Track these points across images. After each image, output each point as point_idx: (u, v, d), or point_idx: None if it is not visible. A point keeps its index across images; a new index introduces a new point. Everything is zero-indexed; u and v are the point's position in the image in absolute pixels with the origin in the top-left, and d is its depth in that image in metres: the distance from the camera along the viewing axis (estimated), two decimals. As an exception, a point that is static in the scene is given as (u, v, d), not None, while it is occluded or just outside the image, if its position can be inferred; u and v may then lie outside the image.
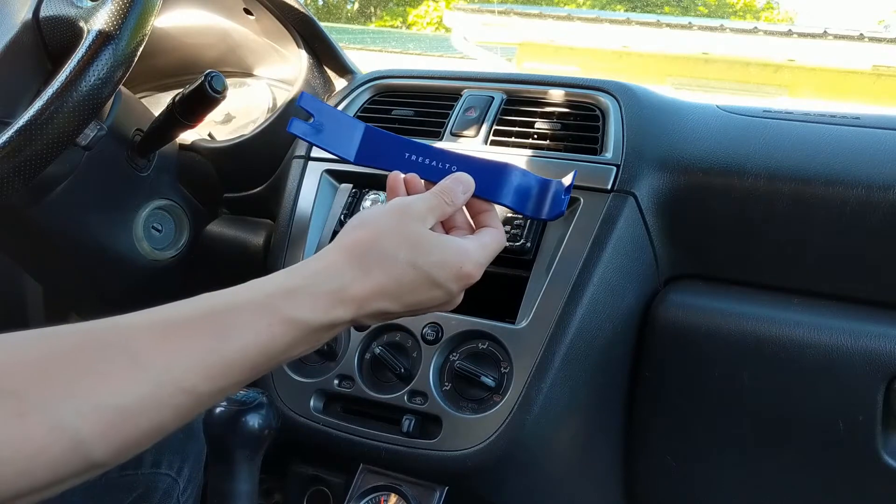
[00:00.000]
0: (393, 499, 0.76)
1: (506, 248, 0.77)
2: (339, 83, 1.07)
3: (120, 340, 0.42)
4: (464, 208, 0.63)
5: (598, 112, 0.86)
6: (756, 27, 6.85)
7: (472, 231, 0.63)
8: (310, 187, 0.91)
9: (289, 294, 0.49)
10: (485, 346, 0.76)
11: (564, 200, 0.66)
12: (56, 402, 0.38)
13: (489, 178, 0.64)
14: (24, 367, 0.39)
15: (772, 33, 6.66)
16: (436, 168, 0.65)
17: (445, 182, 0.61)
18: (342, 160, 0.66)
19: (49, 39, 0.75)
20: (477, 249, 0.59)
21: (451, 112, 0.90)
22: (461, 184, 0.61)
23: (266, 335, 0.46)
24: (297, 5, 1.01)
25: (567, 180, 0.67)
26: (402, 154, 0.66)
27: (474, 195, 0.62)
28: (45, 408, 0.38)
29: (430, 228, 0.57)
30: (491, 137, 0.87)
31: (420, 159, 0.65)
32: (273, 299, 0.48)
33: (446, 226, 0.62)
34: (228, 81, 0.89)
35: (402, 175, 0.63)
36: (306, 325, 0.48)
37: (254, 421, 0.60)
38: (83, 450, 0.39)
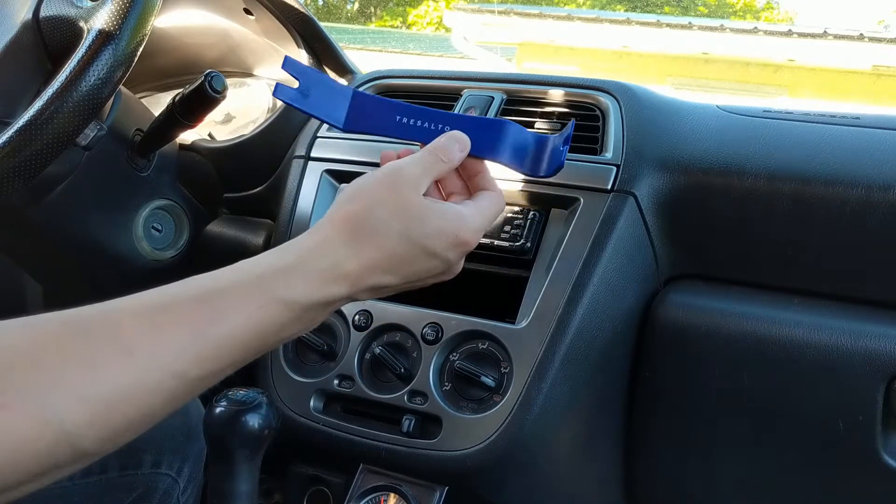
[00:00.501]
0: (393, 499, 0.76)
1: (506, 248, 0.78)
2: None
3: (106, 327, 0.41)
4: (459, 172, 0.61)
5: (598, 112, 0.86)
6: (756, 27, 6.85)
7: (469, 196, 0.60)
8: (310, 187, 0.91)
9: (280, 274, 0.47)
10: (485, 346, 0.76)
11: (563, 151, 0.62)
12: (40, 393, 0.37)
13: (485, 136, 0.62)
14: (7, 356, 0.38)
15: (772, 33, 6.66)
16: (429, 130, 0.62)
17: (440, 139, 0.59)
18: (332, 126, 0.64)
19: (49, 39, 0.75)
20: (474, 215, 0.56)
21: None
22: (457, 141, 0.59)
23: (257, 317, 0.45)
24: (297, 5, 1.01)
25: (565, 132, 0.64)
26: (392, 118, 0.63)
27: (470, 154, 0.60)
28: (29, 399, 0.37)
29: (426, 193, 0.55)
30: (491, 137, 0.87)
31: (412, 121, 0.63)
32: (264, 280, 0.47)
33: (444, 192, 0.60)
34: (228, 81, 0.89)
35: (396, 153, 0.61)
36: (299, 304, 0.47)
37: (254, 421, 0.60)
38: (70, 440, 0.38)
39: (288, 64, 0.62)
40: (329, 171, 0.91)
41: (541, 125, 0.86)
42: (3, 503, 0.38)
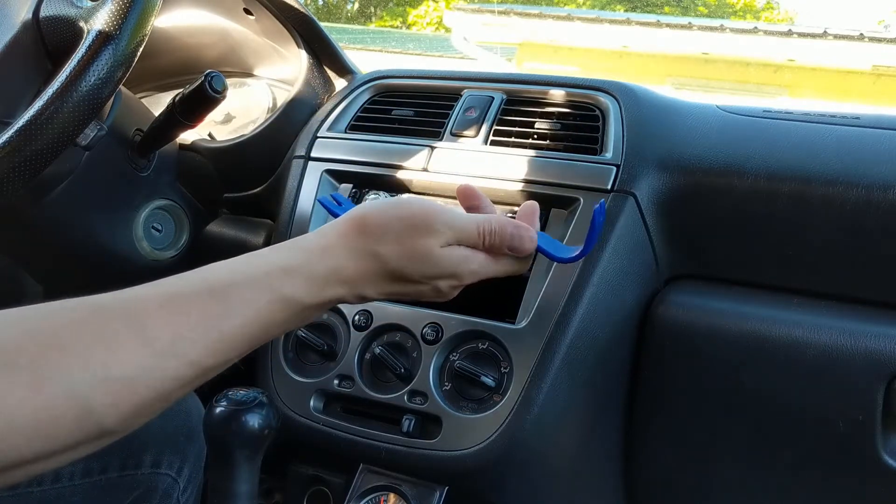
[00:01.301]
0: (393, 499, 0.76)
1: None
2: (339, 83, 1.07)
3: (128, 314, 0.44)
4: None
5: (598, 112, 0.86)
6: (756, 27, 6.85)
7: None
8: (310, 187, 0.91)
9: (286, 273, 0.50)
10: (485, 346, 0.76)
11: (598, 225, 0.60)
12: (70, 375, 0.40)
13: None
14: (38, 340, 0.41)
15: (772, 33, 6.66)
16: None
17: (504, 231, 0.58)
18: None
19: (49, 39, 0.75)
20: (479, 262, 0.57)
21: (451, 112, 0.90)
22: (519, 242, 0.58)
23: (265, 313, 0.49)
24: (297, 5, 1.01)
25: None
26: None
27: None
28: (59, 380, 0.40)
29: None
30: (491, 137, 0.87)
31: None
32: (271, 279, 0.50)
33: None
34: (228, 81, 0.89)
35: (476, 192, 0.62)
36: (301, 303, 0.51)
37: (254, 421, 0.60)
38: (95, 419, 0.41)
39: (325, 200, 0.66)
40: (329, 171, 0.91)
41: (541, 125, 0.86)
42: (32, 474, 0.41)
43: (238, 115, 1.11)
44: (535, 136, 0.86)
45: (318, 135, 0.95)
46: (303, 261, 0.51)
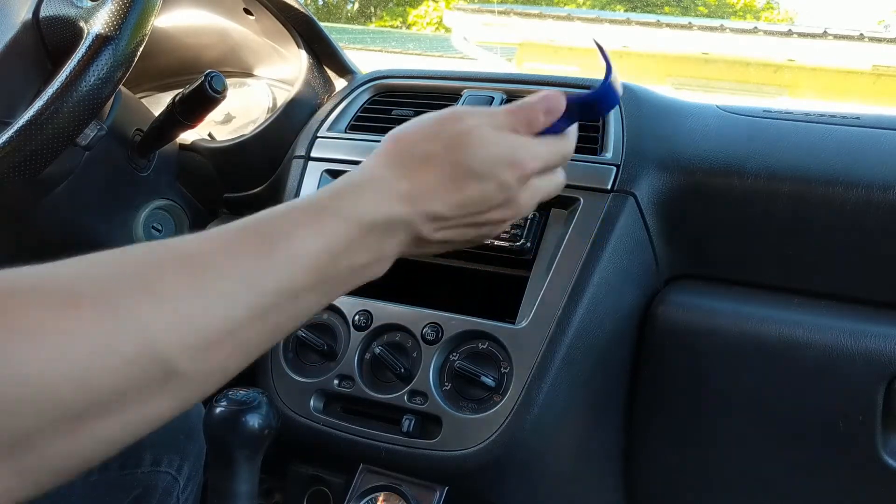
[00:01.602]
0: (392, 498, 0.76)
1: (506, 247, 0.78)
2: (339, 83, 1.07)
3: (187, 255, 0.41)
4: None
5: (598, 112, 0.86)
6: (756, 27, 6.86)
7: None
8: (310, 187, 0.91)
9: (336, 195, 0.48)
10: (485, 346, 0.76)
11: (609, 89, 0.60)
12: (126, 307, 0.37)
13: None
14: (89, 282, 0.38)
15: (772, 33, 6.67)
16: None
17: (529, 100, 0.54)
18: None
19: (49, 39, 0.75)
20: (532, 142, 0.54)
21: (451, 112, 0.90)
22: (547, 101, 0.54)
23: (322, 233, 0.46)
24: (297, 5, 1.01)
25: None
26: None
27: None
28: (113, 312, 0.37)
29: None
30: (491, 137, 0.87)
31: None
32: (322, 201, 0.47)
33: None
34: (228, 81, 0.89)
35: None
36: (362, 221, 0.47)
37: (254, 421, 0.60)
38: (159, 357, 0.37)
39: None
40: (329, 171, 0.91)
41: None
42: (101, 436, 0.37)
43: (238, 115, 1.11)
44: (535, 136, 0.86)
45: (318, 135, 0.95)
46: (349, 184, 0.49)
